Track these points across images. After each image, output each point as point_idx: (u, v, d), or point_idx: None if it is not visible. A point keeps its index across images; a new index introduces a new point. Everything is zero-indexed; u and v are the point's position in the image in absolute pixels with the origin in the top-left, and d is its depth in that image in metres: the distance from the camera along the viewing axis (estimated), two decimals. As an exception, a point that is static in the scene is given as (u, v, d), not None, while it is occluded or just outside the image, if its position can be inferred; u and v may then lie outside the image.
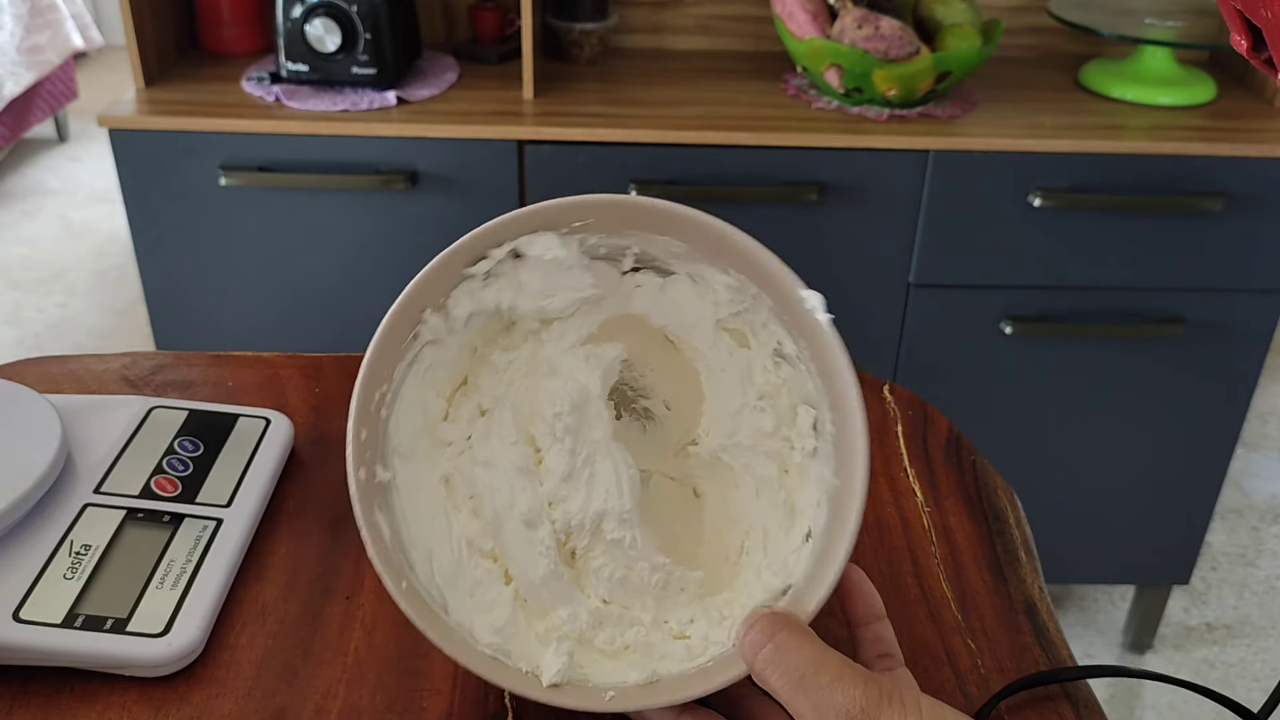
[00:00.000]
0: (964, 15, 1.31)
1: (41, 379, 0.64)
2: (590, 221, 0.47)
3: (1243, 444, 2.06)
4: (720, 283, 0.48)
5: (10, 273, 2.54)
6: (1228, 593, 1.77)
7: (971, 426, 0.87)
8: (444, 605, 0.45)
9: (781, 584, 0.45)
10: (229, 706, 0.46)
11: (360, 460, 0.44)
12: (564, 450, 0.47)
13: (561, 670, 0.43)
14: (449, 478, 0.48)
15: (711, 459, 0.50)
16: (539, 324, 0.49)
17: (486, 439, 0.48)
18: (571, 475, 0.47)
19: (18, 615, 0.46)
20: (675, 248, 0.47)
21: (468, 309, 0.47)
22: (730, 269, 0.47)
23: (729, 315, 0.49)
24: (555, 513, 0.47)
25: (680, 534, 0.50)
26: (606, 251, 0.48)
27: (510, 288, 0.48)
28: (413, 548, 0.45)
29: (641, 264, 0.49)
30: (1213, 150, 1.25)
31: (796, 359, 0.47)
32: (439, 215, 1.29)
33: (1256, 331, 1.37)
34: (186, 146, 1.25)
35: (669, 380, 0.52)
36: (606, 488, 0.47)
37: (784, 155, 1.25)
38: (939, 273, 1.32)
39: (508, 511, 0.47)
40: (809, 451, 0.47)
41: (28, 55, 2.76)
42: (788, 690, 0.38)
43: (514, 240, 0.46)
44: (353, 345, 0.83)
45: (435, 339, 0.47)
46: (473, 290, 0.47)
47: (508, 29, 1.46)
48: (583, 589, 0.47)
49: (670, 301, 0.50)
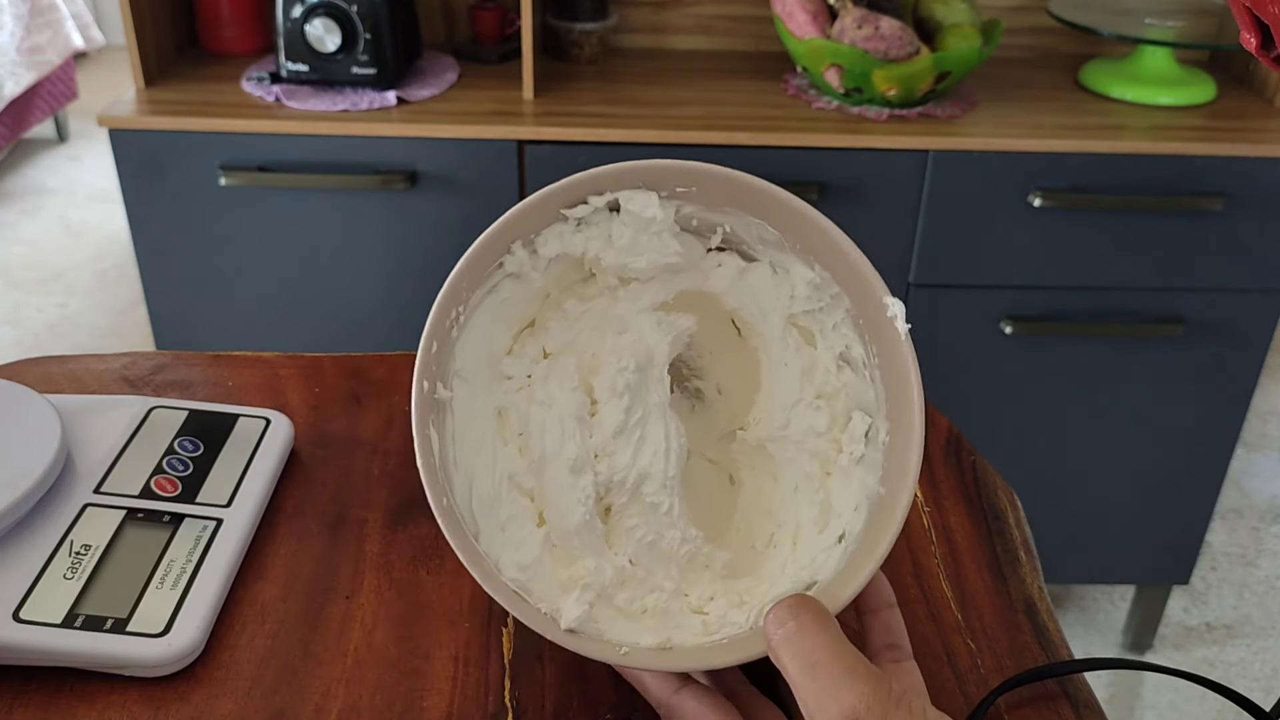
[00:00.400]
0: (964, 15, 1.31)
1: (41, 379, 0.64)
2: (693, 190, 0.47)
3: (1243, 444, 2.06)
4: (802, 277, 0.48)
5: (10, 273, 2.54)
6: (1228, 593, 1.77)
7: (971, 426, 0.87)
8: (475, 533, 0.45)
9: (808, 579, 0.45)
10: (229, 706, 0.46)
11: (426, 373, 0.44)
12: (620, 406, 0.47)
13: (580, 618, 0.44)
14: (503, 411, 0.48)
15: (757, 447, 0.50)
16: (617, 281, 0.50)
17: (546, 381, 0.48)
18: (623, 432, 0.47)
19: (18, 615, 0.46)
20: (767, 234, 0.48)
21: (555, 249, 0.47)
22: (817, 264, 0.47)
23: (801, 311, 0.49)
24: (600, 465, 0.47)
25: (711, 515, 0.51)
26: (698, 225, 0.49)
27: (600, 238, 0.48)
28: (456, 471, 0.46)
29: (728, 245, 0.50)
30: (1213, 150, 1.25)
31: (862, 365, 0.47)
32: (439, 215, 1.29)
33: (1256, 331, 1.37)
34: (186, 146, 1.25)
35: (727, 365, 0.52)
36: (654, 450, 0.47)
37: (784, 155, 1.25)
38: (939, 273, 1.32)
39: (554, 454, 0.47)
40: (856, 457, 0.47)
41: (28, 55, 2.76)
42: (798, 672, 0.38)
43: (615, 192, 0.47)
44: (353, 345, 0.84)
45: (518, 273, 0.48)
46: (564, 233, 0.48)
47: (508, 29, 1.46)
48: (612, 546, 0.47)
49: (747, 287, 0.50)
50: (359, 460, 0.60)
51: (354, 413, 0.64)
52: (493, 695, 0.47)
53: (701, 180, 0.47)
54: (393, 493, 0.58)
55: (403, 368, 0.68)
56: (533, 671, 0.48)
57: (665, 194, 0.47)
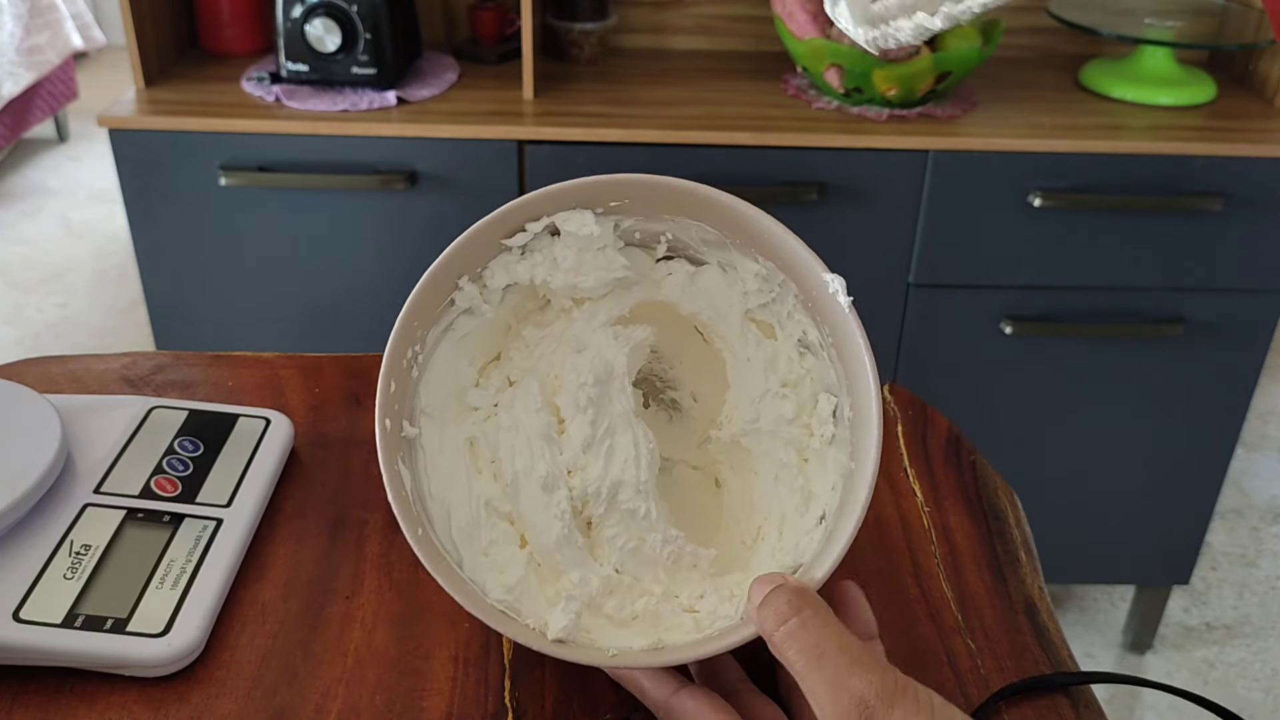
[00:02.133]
0: (964, 15, 1.31)
1: (41, 379, 0.64)
2: (626, 202, 0.48)
3: (1243, 444, 2.06)
4: (750, 271, 0.49)
5: (10, 273, 2.54)
6: (1228, 593, 1.77)
7: (971, 426, 0.87)
8: (459, 561, 0.46)
9: (793, 563, 0.46)
10: (229, 706, 0.46)
11: (387, 411, 0.45)
12: (585, 420, 0.48)
13: (567, 628, 0.44)
14: (473, 441, 0.49)
15: (732, 444, 0.51)
16: (571, 303, 0.51)
17: (511, 406, 0.49)
18: (591, 445, 0.48)
19: (18, 615, 0.46)
20: (708, 235, 0.49)
21: (503, 280, 0.49)
22: (759, 255, 0.48)
23: (757, 306, 0.50)
24: (573, 480, 0.48)
25: (701, 520, 0.51)
26: (641, 237, 0.50)
27: (545, 263, 0.49)
28: (432, 503, 0.46)
29: (674, 252, 0.51)
30: (1213, 150, 1.25)
31: (820, 347, 0.48)
32: (439, 215, 1.29)
33: (1256, 331, 1.37)
34: (186, 146, 1.25)
35: (696, 372, 0.53)
36: (625, 458, 0.48)
37: (784, 155, 1.25)
38: (939, 273, 1.32)
39: (527, 475, 0.48)
40: (828, 439, 0.48)
41: (27, 55, 2.76)
42: (805, 666, 0.38)
43: (551, 215, 0.48)
44: (352, 345, 0.83)
45: (471, 308, 0.49)
46: (509, 263, 0.49)
47: (508, 29, 1.46)
48: (596, 557, 0.48)
49: (700, 291, 0.51)
50: (359, 460, 0.60)
51: (354, 413, 0.64)
52: (493, 695, 0.47)
53: (631, 191, 0.48)
54: (393, 493, 0.58)
55: (403, 368, 0.67)
56: (533, 672, 0.48)
57: (601, 210, 0.48)
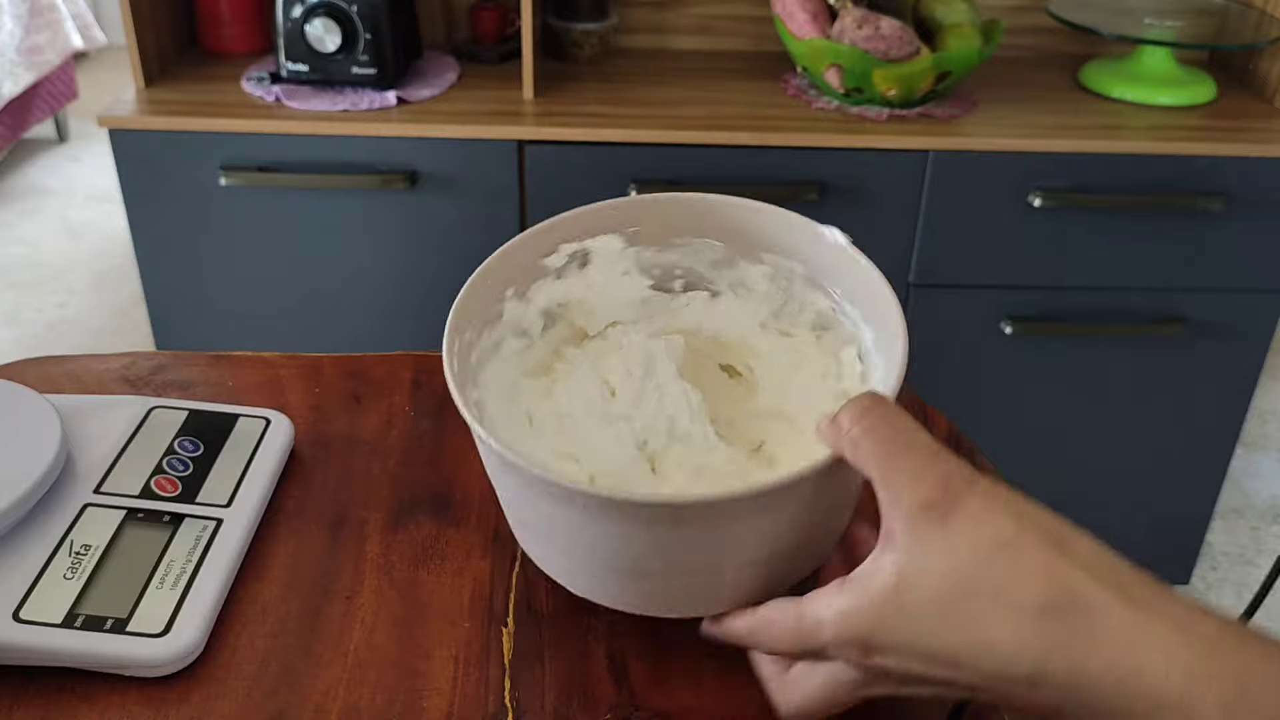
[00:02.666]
0: (964, 15, 1.31)
1: (41, 379, 0.64)
2: (638, 230, 0.54)
3: (1243, 444, 2.06)
4: (759, 275, 0.55)
5: (10, 273, 2.54)
6: (1228, 593, 1.77)
7: (971, 426, 0.86)
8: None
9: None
10: (229, 706, 0.46)
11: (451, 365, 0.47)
12: (634, 383, 0.52)
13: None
14: (531, 416, 0.53)
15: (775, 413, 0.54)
16: (606, 327, 0.57)
17: (567, 378, 0.54)
18: (642, 395, 0.52)
19: (18, 615, 0.46)
20: (716, 253, 0.55)
21: (544, 300, 0.55)
22: (763, 254, 0.54)
23: (769, 315, 0.56)
24: (633, 421, 0.51)
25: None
26: (659, 275, 0.57)
27: (580, 285, 0.55)
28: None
29: (690, 286, 0.57)
30: (1213, 150, 1.25)
31: (832, 312, 0.53)
32: (439, 215, 1.29)
33: (1256, 331, 1.37)
34: (186, 146, 1.25)
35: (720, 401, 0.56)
36: (675, 398, 0.52)
37: (784, 155, 1.25)
38: (939, 273, 1.32)
39: (585, 416, 0.51)
40: (859, 376, 0.51)
41: (27, 55, 2.76)
42: (884, 456, 0.39)
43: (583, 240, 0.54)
44: (353, 345, 0.83)
45: (517, 325, 0.54)
46: (547, 285, 0.55)
47: (508, 29, 1.46)
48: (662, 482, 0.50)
49: (719, 313, 0.57)
50: (359, 460, 0.60)
51: (354, 413, 0.64)
52: (493, 695, 0.47)
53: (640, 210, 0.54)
54: (393, 493, 0.58)
55: (403, 368, 0.68)
56: (533, 671, 0.48)
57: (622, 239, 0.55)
